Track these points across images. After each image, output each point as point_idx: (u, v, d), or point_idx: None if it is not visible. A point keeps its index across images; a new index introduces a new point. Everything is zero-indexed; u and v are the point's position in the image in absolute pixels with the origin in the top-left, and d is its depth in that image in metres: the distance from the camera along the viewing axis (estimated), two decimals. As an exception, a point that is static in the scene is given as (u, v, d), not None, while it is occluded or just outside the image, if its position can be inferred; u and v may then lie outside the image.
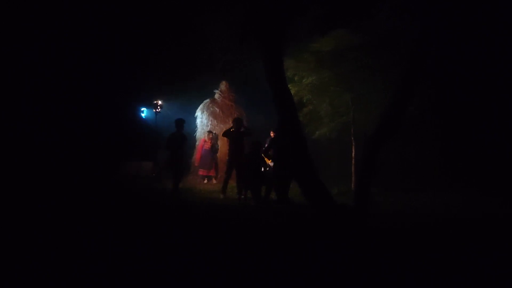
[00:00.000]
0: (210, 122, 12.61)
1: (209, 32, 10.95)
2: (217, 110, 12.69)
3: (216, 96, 13.02)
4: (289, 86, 8.31)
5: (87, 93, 12.72)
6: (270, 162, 9.47)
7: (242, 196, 8.61)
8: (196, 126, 13.00)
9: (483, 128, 10.39)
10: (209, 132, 12.10)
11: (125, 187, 10.42)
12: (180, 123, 9.15)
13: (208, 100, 12.99)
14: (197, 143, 12.74)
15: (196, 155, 12.41)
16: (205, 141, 12.03)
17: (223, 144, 11.77)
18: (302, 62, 10.11)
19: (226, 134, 9.25)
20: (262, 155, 8.84)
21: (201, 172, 12.11)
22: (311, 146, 7.61)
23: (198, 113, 12.92)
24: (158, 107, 12.36)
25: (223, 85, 13.07)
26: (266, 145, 9.25)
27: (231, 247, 4.96)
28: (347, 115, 10.44)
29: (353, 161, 10.26)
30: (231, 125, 9.43)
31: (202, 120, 12.85)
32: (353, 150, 10.30)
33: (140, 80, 13.70)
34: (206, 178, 12.08)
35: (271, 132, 10.23)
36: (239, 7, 8.40)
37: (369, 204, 6.73)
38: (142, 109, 13.30)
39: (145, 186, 10.66)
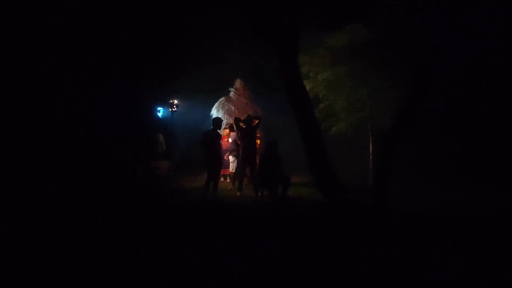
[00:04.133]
0: (225, 120, 12.60)
1: (224, 30, 10.91)
2: (232, 108, 12.67)
3: (231, 94, 13.01)
4: (304, 82, 8.27)
5: (104, 93, 12.84)
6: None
7: (259, 194, 8.59)
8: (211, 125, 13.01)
9: (498, 124, 10.15)
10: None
11: (144, 187, 10.51)
12: (218, 121, 9.10)
13: (223, 98, 12.99)
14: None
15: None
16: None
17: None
18: (316, 57, 10.04)
19: (237, 125, 9.28)
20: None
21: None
22: (328, 142, 7.55)
23: (214, 111, 12.92)
24: (174, 106, 12.39)
25: (238, 83, 13.04)
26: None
27: (250, 243, 4.96)
28: (364, 111, 10.32)
29: (370, 157, 10.14)
30: (246, 118, 9.47)
31: (217, 118, 12.85)
32: (371, 146, 10.18)
33: (156, 80, 13.76)
34: (222, 177, 12.08)
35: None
36: (254, 6, 8.36)
37: (387, 200, 6.66)
38: (159, 108, 13.35)
39: (163, 185, 10.75)
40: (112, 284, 3.73)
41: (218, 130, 9.01)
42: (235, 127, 9.61)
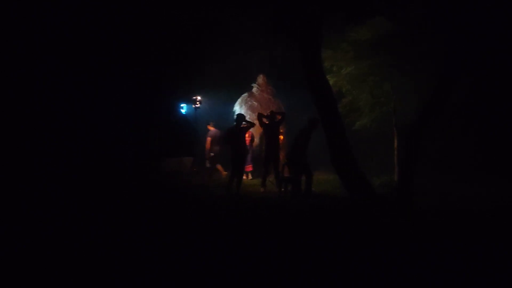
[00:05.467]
0: (248, 116, 12.62)
1: (247, 25, 10.89)
2: (255, 103, 12.68)
3: (254, 89, 13.01)
4: (327, 77, 8.20)
5: (127, 91, 13.01)
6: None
7: (282, 189, 8.59)
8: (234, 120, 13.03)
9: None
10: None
11: (168, 183, 10.63)
12: (241, 118, 9.19)
13: (246, 94, 13.00)
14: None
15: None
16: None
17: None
18: (339, 52, 9.92)
19: (260, 120, 9.33)
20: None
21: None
22: (352, 138, 7.48)
23: (236, 107, 12.96)
24: (197, 102, 12.47)
25: (260, 79, 13.03)
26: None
27: (276, 239, 4.98)
28: (388, 105, 10.16)
29: (395, 152, 9.99)
30: (269, 114, 9.53)
31: (240, 114, 12.84)
32: (395, 141, 10.03)
33: (179, 77, 13.88)
34: (244, 174, 12.07)
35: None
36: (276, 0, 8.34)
37: (412, 195, 6.57)
38: (182, 105, 13.47)
39: (187, 181, 10.85)
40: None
41: (240, 126, 9.09)
42: (258, 123, 9.61)
